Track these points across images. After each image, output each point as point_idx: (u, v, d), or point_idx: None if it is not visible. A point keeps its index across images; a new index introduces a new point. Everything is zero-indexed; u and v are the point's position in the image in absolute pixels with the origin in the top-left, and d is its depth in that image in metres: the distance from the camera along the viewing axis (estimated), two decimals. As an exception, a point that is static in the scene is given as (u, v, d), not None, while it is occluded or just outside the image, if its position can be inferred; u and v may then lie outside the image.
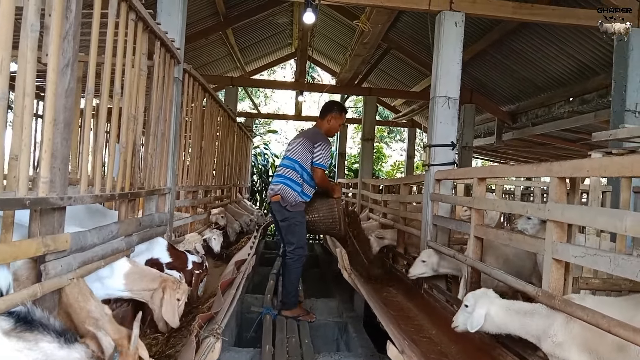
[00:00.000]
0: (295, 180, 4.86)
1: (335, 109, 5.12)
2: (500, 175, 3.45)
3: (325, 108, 5.16)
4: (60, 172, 2.29)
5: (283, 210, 4.84)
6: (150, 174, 4.00)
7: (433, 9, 5.03)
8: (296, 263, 4.92)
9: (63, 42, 2.25)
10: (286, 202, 4.81)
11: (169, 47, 4.08)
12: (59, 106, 2.23)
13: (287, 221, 4.89)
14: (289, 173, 4.92)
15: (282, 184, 4.87)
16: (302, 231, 4.99)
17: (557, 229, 2.56)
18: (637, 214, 1.92)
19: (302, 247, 4.95)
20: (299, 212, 4.89)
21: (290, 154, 5.02)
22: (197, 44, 10.40)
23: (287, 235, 4.94)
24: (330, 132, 5.18)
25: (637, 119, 5.19)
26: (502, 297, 2.76)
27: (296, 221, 4.88)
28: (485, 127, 12.36)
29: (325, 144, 4.93)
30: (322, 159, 4.87)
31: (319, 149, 4.85)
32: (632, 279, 1.97)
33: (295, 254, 4.91)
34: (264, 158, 18.55)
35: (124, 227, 3.20)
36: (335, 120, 5.06)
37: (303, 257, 4.98)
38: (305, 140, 4.94)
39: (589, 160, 2.28)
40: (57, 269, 2.29)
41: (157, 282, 3.30)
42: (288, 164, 4.96)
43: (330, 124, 5.07)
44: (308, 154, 4.87)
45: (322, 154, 4.86)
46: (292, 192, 4.82)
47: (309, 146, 4.88)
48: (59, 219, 2.33)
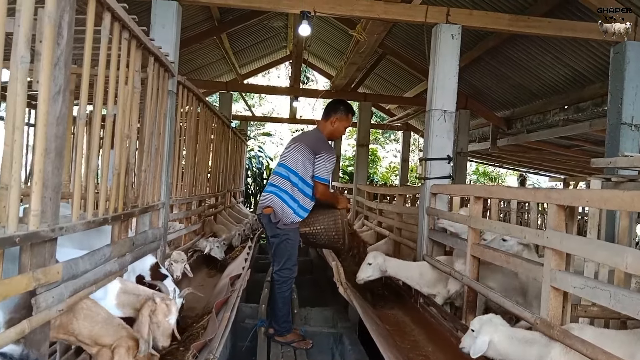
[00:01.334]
0: (291, 194, 4.23)
1: (342, 109, 4.43)
2: (498, 197, 3.42)
3: (330, 108, 4.50)
4: (52, 201, 2.24)
5: (273, 227, 4.26)
6: (144, 191, 3.95)
7: (429, 21, 5.00)
8: (282, 286, 4.32)
9: (54, 69, 2.20)
10: (278, 218, 4.20)
11: (163, 62, 4.04)
12: (50, 135, 2.18)
13: (277, 237, 4.29)
14: (284, 184, 4.27)
15: (276, 196, 4.25)
16: (293, 250, 4.35)
17: (555, 257, 2.54)
18: (638, 252, 1.89)
19: (290, 269, 4.32)
20: (292, 229, 4.28)
21: (287, 161, 4.34)
22: (191, 48, 10.34)
23: (275, 253, 4.35)
24: (333, 136, 4.54)
25: (632, 132, 5.18)
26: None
27: (288, 238, 4.27)
28: (480, 132, 12.36)
29: (329, 154, 4.31)
30: (325, 173, 4.28)
31: (322, 161, 4.24)
32: (633, 317, 1.94)
33: (281, 276, 4.32)
34: (259, 161, 18.48)
35: (117, 249, 3.15)
36: (340, 123, 4.41)
37: (290, 280, 4.37)
38: (306, 149, 4.28)
39: (589, 191, 2.25)
40: (49, 301, 2.24)
41: (139, 301, 3.22)
42: (283, 174, 4.31)
43: (334, 127, 4.41)
44: (309, 165, 4.25)
45: (325, 166, 4.26)
46: (287, 209, 4.21)
47: (310, 156, 4.25)
48: (50, 249, 2.28)
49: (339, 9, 5.08)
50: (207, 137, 6.99)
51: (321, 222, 4.62)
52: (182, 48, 6.87)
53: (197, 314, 4.54)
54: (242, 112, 20.01)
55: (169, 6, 4.66)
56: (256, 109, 25.05)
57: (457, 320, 3.89)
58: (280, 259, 4.30)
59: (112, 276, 3.02)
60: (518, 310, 2.85)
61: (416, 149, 22.35)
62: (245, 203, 15.37)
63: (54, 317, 2.29)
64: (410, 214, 6.15)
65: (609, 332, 2.37)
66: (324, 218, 4.59)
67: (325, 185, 4.34)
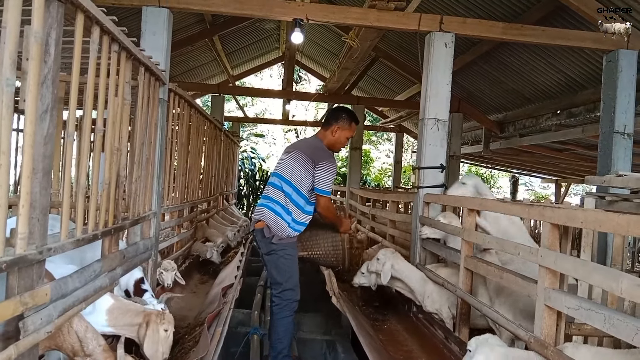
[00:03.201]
0: (284, 206, 3.85)
1: (344, 117, 4.03)
2: (491, 210, 3.40)
3: (331, 115, 4.13)
4: (40, 222, 2.20)
5: (268, 242, 3.84)
6: (135, 201, 3.90)
7: (423, 29, 4.98)
8: (284, 311, 3.78)
9: (41, 87, 2.16)
10: (272, 232, 3.80)
11: (154, 72, 3.99)
12: (38, 155, 2.13)
13: (273, 254, 3.83)
14: (277, 195, 3.90)
15: (267, 209, 3.88)
16: (293, 267, 3.86)
17: (549, 275, 2.53)
18: (633, 277, 1.88)
19: (292, 290, 3.80)
20: (288, 243, 3.86)
21: (281, 170, 3.96)
22: (183, 50, 10.27)
23: (272, 272, 3.87)
24: (334, 147, 4.09)
25: (625, 141, 5.19)
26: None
27: (285, 254, 3.81)
28: (472, 135, 12.38)
29: (330, 164, 3.89)
30: (327, 184, 3.86)
31: (322, 171, 3.83)
32: (627, 341, 1.93)
33: (282, 299, 3.78)
34: (251, 162, 18.43)
35: (107, 264, 3.11)
36: (342, 133, 4.01)
37: (293, 303, 3.82)
38: (305, 158, 3.88)
39: (584, 212, 2.24)
40: (37, 323, 2.19)
41: (141, 317, 3.23)
42: (277, 184, 3.94)
43: (335, 136, 4.01)
44: (307, 176, 3.84)
45: (327, 177, 3.84)
46: (280, 222, 3.81)
47: (308, 165, 3.85)
48: (38, 271, 2.24)
49: (332, 16, 5.05)
50: (199, 142, 6.94)
51: (320, 247, 4.34)
52: (174, 50, 6.81)
53: (189, 324, 4.50)
54: (234, 112, 19.93)
55: (160, 13, 4.61)
56: (248, 109, 24.98)
57: (451, 333, 3.88)
58: (280, 279, 3.80)
59: (102, 291, 2.98)
60: (512, 327, 2.84)
61: (409, 148, 22.39)
62: (237, 205, 15.31)
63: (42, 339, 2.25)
64: (403, 221, 6.14)
65: (605, 351, 2.36)
66: (323, 242, 4.31)
67: (329, 199, 3.99)
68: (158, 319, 3.26)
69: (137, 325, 3.21)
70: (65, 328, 2.43)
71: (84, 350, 2.39)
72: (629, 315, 2.11)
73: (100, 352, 2.40)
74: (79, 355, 2.40)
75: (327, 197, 3.94)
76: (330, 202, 4.04)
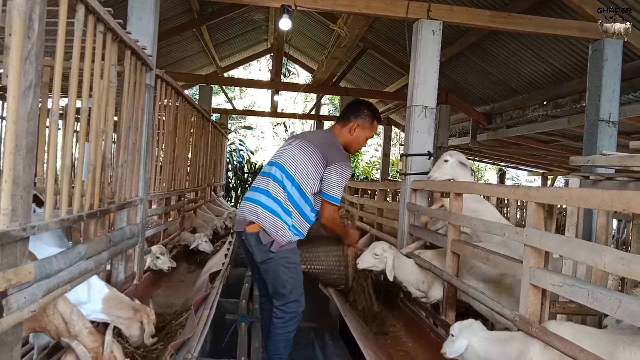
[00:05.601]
0: (283, 205, 3.12)
1: (366, 114, 3.34)
2: (477, 193, 3.43)
3: (350, 109, 3.40)
4: (23, 199, 2.17)
5: (265, 250, 3.10)
6: (121, 186, 3.88)
7: (410, 16, 4.99)
8: (288, 325, 3.17)
9: (25, 63, 2.13)
10: (271, 238, 3.08)
11: (140, 55, 3.96)
12: (21, 132, 2.10)
13: (272, 263, 3.12)
14: (276, 191, 3.14)
15: (265, 209, 3.11)
16: (298, 276, 3.21)
17: (534, 254, 2.55)
18: (616, 251, 1.90)
19: (298, 301, 3.18)
20: (290, 249, 3.16)
21: (285, 162, 3.19)
22: (171, 40, 10.20)
23: (273, 284, 3.18)
24: (351, 148, 3.40)
25: (610, 129, 5.25)
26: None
27: (287, 263, 3.12)
28: (460, 127, 12.44)
29: (346, 167, 3.18)
30: (338, 191, 3.15)
31: (335, 174, 3.11)
32: (610, 314, 1.95)
33: (286, 312, 3.14)
34: (239, 155, 18.37)
35: (93, 247, 3.09)
36: (362, 132, 3.34)
37: (298, 316, 3.23)
38: (316, 154, 3.16)
39: (568, 190, 2.26)
40: (21, 301, 2.18)
41: (132, 311, 3.24)
42: (277, 177, 3.16)
43: (353, 135, 3.33)
44: (315, 176, 3.13)
45: (338, 183, 3.13)
46: (280, 224, 3.09)
47: (319, 164, 3.14)
48: (22, 249, 2.21)
49: (320, 3, 5.04)
50: (186, 131, 6.91)
51: (321, 261, 3.73)
52: (161, 40, 6.75)
53: (176, 310, 4.49)
54: (223, 105, 19.85)
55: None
56: (237, 102, 24.87)
57: (437, 316, 3.91)
58: (283, 290, 3.14)
59: (87, 274, 2.96)
60: (497, 307, 2.86)
61: (397, 142, 22.45)
62: (226, 197, 15.27)
63: (26, 318, 2.23)
64: (391, 209, 6.17)
65: (587, 329, 2.39)
66: (325, 256, 3.68)
67: (335, 207, 3.21)
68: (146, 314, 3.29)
69: (128, 319, 3.22)
70: (50, 309, 2.41)
71: (70, 331, 2.38)
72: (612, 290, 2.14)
73: (86, 334, 2.39)
74: (64, 336, 2.39)
75: (335, 206, 3.19)
76: (336, 212, 3.28)
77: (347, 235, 3.66)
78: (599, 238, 3.04)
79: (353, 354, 4.46)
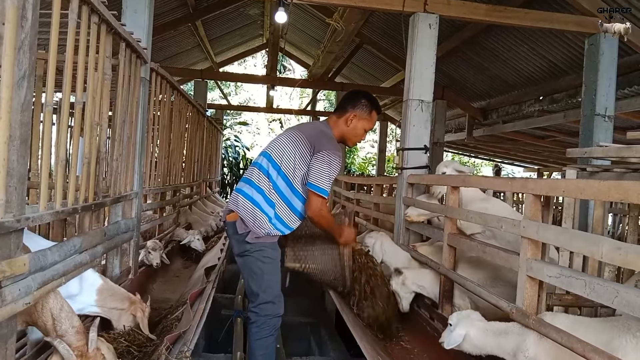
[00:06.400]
0: (267, 196, 2.90)
1: (363, 103, 3.08)
2: (474, 186, 3.42)
3: (347, 100, 3.15)
4: (17, 191, 2.15)
5: (241, 240, 2.89)
6: (116, 180, 3.86)
7: (407, 10, 4.97)
8: (262, 330, 2.82)
9: (18, 53, 2.10)
10: (247, 228, 2.86)
11: (135, 48, 3.93)
12: (15, 122, 2.08)
13: (247, 256, 2.88)
14: (260, 181, 2.93)
15: (245, 198, 2.93)
16: (273, 275, 2.89)
17: (531, 246, 2.55)
18: (613, 242, 1.90)
19: (272, 302, 2.84)
20: (268, 243, 2.90)
21: (273, 151, 2.99)
22: (166, 35, 10.14)
23: (247, 279, 2.92)
24: (348, 140, 3.15)
25: (606, 123, 5.26)
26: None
27: (262, 257, 2.86)
28: (456, 122, 12.45)
29: (333, 156, 2.89)
30: (325, 181, 2.84)
31: (321, 163, 2.85)
32: (607, 305, 1.95)
33: (260, 315, 2.82)
34: (235, 150, 18.31)
35: (87, 240, 3.07)
36: (359, 122, 3.08)
37: (274, 319, 2.85)
38: (302, 142, 2.94)
39: (565, 181, 2.26)
40: (15, 294, 2.16)
41: (126, 303, 3.23)
42: (263, 166, 2.97)
43: (350, 126, 3.08)
44: (302, 165, 2.90)
45: (324, 171, 2.84)
46: (259, 215, 2.86)
47: (305, 152, 2.90)
48: (16, 240, 2.20)
49: (316, -5, 5.02)
50: (181, 125, 6.87)
51: (317, 259, 3.39)
52: (156, 35, 6.72)
53: (172, 305, 4.48)
54: (218, 101, 19.78)
55: (142, -10, 4.52)
56: (232, 98, 24.81)
57: (433, 310, 3.91)
58: (256, 288, 2.85)
59: (82, 268, 2.95)
60: (494, 299, 2.86)
61: (393, 139, 22.44)
62: (221, 193, 15.25)
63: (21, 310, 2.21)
64: (387, 204, 6.16)
65: (583, 319, 2.39)
66: (321, 254, 3.35)
67: (323, 200, 2.89)
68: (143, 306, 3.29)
69: (120, 310, 3.21)
70: (39, 304, 2.38)
71: (56, 329, 2.35)
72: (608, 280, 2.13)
73: (73, 334, 2.35)
74: (50, 334, 2.36)
75: (322, 197, 2.86)
76: (325, 205, 2.94)
77: (340, 232, 3.23)
78: (596, 230, 3.05)
79: (350, 348, 4.47)
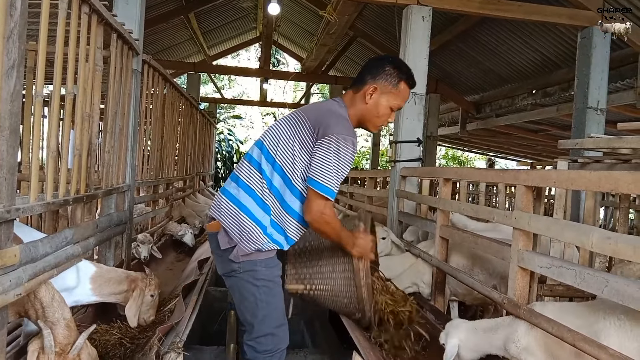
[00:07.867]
0: (260, 198, 2.18)
1: (388, 72, 2.24)
2: (467, 179, 3.43)
3: (368, 68, 2.31)
4: (7, 181, 2.14)
5: (224, 259, 2.20)
6: (108, 172, 3.84)
7: (400, 2, 4.97)
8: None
9: (7, 42, 2.08)
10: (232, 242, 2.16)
11: (127, 39, 3.90)
12: (5, 112, 2.07)
13: (234, 277, 2.21)
14: (251, 179, 2.21)
15: (229, 201, 2.22)
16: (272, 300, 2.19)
17: (523, 237, 2.56)
18: (603, 231, 1.91)
19: (273, 335, 2.19)
20: (261, 260, 2.17)
21: (267, 140, 2.25)
22: (158, 28, 10.08)
23: (240, 307, 2.25)
24: (368, 121, 2.31)
25: (598, 116, 5.28)
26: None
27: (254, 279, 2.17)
28: (449, 116, 12.47)
29: (344, 142, 2.08)
30: (329, 175, 2.07)
31: (327, 151, 2.07)
32: (597, 294, 1.97)
33: (258, 350, 2.19)
34: (228, 144, 18.27)
35: (79, 232, 3.05)
36: (382, 97, 2.25)
37: (276, 356, 2.21)
38: (305, 124, 2.17)
39: (556, 172, 2.27)
40: (6, 285, 2.15)
41: (125, 284, 3.21)
42: (255, 159, 2.24)
43: (370, 103, 2.25)
44: (303, 155, 2.14)
45: (330, 163, 2.07)
46: (248, 226, 2.15)
47: (307, 137, 2.14)
48: (6, 231, 2.18)
49: (310, -12, 4.99)
50: (174, 118, 6.84)
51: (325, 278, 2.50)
52: (148, 28, 6.66)
53: (165, 297, 4.47)
54: (212, 95, 19.71)
55: (133, -19, 4.48)
56: (226, 92, 24.72)
57: (426, 301, 3.92)
58: (250, 317, 2.20)
59: (74, 260, 2.93)
60: (486, 290, 2.88)
61: (387, 133, 22.44)
62: (214, 187, 15.22)
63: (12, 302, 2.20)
64: (380, 197, 6.17)
65: (568, 305, 2.40)
66: (330, 272, 2.49)
67: (327, 201, 2.11)
68: (144, 283, 3.27)
69: (124, 292, 3.19)
70: (31, 294, 2.37)
71: (47, 317, 2.34)
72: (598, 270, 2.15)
73: (62, 327, 2.33)
74: (41, 319, 2.36)
75: (325, 198, 2.09)
76: (329, 208, 2.14)
77: (352, 241, 2.33)
78: (587, 221, 3.07)
79: (343, 341, 4.48)
